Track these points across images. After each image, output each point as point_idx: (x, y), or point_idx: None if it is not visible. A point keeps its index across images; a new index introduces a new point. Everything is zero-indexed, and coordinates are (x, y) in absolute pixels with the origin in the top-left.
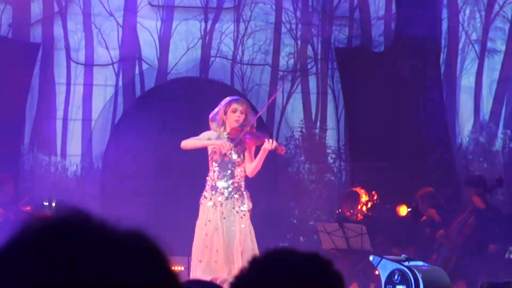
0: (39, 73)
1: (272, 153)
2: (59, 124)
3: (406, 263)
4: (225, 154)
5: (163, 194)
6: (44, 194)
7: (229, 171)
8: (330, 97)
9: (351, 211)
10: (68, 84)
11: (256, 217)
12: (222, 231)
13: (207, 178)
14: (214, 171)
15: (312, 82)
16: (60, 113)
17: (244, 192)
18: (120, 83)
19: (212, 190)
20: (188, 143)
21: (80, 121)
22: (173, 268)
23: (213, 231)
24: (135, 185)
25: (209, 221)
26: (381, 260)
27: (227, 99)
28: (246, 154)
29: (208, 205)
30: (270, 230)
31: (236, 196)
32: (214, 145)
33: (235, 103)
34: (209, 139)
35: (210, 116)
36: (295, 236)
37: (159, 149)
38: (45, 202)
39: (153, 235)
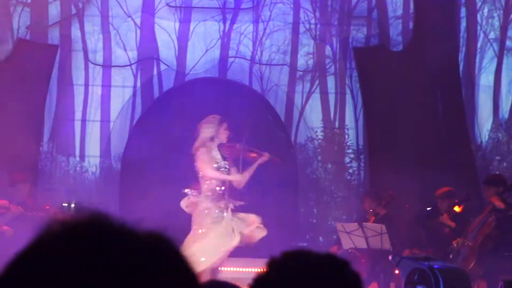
0: (57, 74)
1: (291, 154)
2: (77, 125)
3: (426, 263)
4: None
5: (181, 196)
6: (63, 195)
7: None
8: (348, 97)
9: (371, 210)
10: (86, 85)
11: (276, 217)
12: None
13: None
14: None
15: (331, 82)
16: (78, 115)
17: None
18: (138, 84)
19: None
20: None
21: (99, 122)
22: (193, 268)
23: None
24: (154, 186)
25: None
26: (400, 259)
27: (213, 119)
28: (230, 166)
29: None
30: (289, 230)
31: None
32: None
33: (224, 123)
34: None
35: (203, 135)
36: (315, 236)
37: (178, 149)
38: (64, 203)
39: (172, 236)
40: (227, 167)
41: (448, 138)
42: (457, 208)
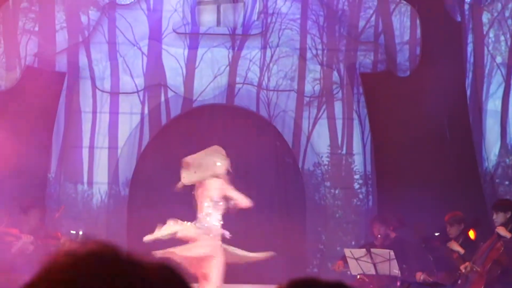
0: (64, 102)
1: (298, 179)
2: (85, 152)
3: None
4: None
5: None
6: (71, 222)
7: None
8: (356, 122)
9: (379, 236)
10: (94, 112)
11: (283, 243)
12: None
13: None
14: None
15: (338, 107)
16: (86, 141)
17: None
18: (146, 111)
19: None
20: None
21: (107, 149)
22: None
23: None
24: (163, 212)
25: None
26: (409, 285)
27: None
28: None
29: None
30: (297, 257)
31: None
32: None
33: None
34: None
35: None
36: (323, 262)
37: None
38: (72, 231)
39: (180, 268)
40: None
41: (456, 163)
42: (471, 234)
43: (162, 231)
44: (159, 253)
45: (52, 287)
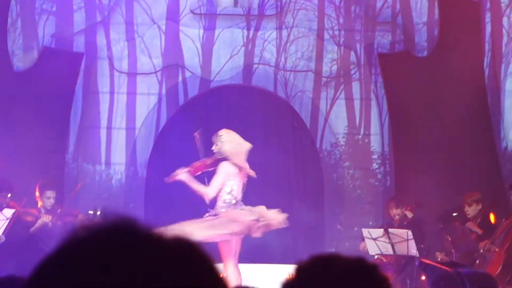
0: (82, 82)
1: (316, 160)
2: (103, 133)
3: (452, 268)
4: None
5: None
6: (89, 203)
7: None
8: (373, 103)
9: (397, 216)
10: (112, 93)
11: (301, 223)
12: None
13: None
14: None
15: (356, 88)
16: (104, 122)
17: None
18: (163, 91)
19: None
20: None
21: (124, 129)
22: (220, 274)
23: None
24: (179, 193)
25: None
26: (427, 265)
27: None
28: None
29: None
30: (315, 237)
31: None
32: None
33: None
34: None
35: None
36: (341, 243)
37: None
38: (90, 211)
39: (201, 245)
40: None
41: (474, 143)
42: (492, 218)
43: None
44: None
45: (70, 260)
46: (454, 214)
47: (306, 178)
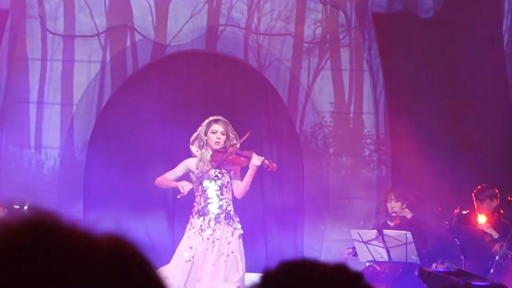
0: (7, 47)
1: (295, 145)
2: (32, 109)
3: (461, 279)
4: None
5: (160, 192)
6: (15, 194)
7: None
8: (366, 75)
9: (393, 214)
10: (44, 60)
11: (277, 222)
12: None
13: (194, 203)
14: (200, 196)
15: (345, 56)
16: (33, 96)
17: (234, 216)
18: (108, 59)
19: (198, 215)
20: (160, 183)
21: (59, 105)
22: (159, 275)
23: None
24: (125, 182)
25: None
26: (429, 275)
27: (206, 120)
28: (232, 175)
29: (193, 231)
30: (293, 239)
31: (225, 220)
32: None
33: (215, 124)
34: (187, 169)
35: (191, 140)
36: (325, 246)
37: (155, 138)
38: (16, 204)
39: (137, 239)
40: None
41: (489, 122)
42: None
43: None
44: None
45: None
46: (464, 212)
47: (282, 167)
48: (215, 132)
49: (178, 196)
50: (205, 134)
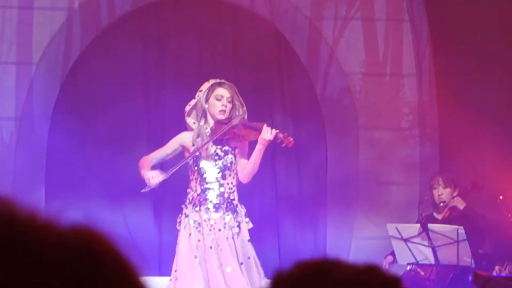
0: None
1: (316, 115)
2: None
3: None
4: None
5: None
6: None
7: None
8: (407, 26)
9: (441, 204)
10: None
11: (292, 212)
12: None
13: (188, 189)
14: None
15: (380, 2)
16: None
17: (241, 207)
18: (76, 5)
19: (193, 204)
20: (140, 165)
21: (14, 65)
22: (138, 278)
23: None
24: (99, 162)
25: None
26: (487, 281)
27: (207, 84)
28: (237, 153)
29: (190, 223)
30: (314, 236)
31: (227, 212)
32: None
33: (219, 88)
34: (181, 145)
35: (186, 109)
36: (355, 244)
37: (138, 107)
38: None
39: (113, 233)
40: None
41: None
42: None
43: None
44: None
45: None
46: None
47: (299, 144)
48: (220, 99)
49: (142, 190)
50: (206, 101)
